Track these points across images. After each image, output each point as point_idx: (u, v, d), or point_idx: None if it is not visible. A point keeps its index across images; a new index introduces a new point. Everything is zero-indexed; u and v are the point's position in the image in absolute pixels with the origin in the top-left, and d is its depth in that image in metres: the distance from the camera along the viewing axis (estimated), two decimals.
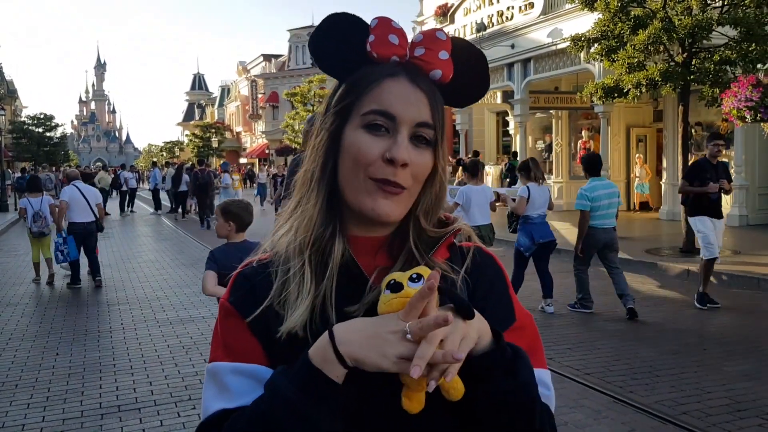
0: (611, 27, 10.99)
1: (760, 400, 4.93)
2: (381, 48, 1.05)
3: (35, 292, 9.94)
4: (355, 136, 1.04)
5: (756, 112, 8.79)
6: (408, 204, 1.06)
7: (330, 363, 0.91)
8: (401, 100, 1.03)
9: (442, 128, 1.07)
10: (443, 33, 1.08)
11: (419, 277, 0.96)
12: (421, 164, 1.04)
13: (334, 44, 1.08)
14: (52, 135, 54.36)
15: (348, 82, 1.07)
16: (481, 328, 0.96)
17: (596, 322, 7.39)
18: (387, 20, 1.08)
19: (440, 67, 1.06)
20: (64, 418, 4.94)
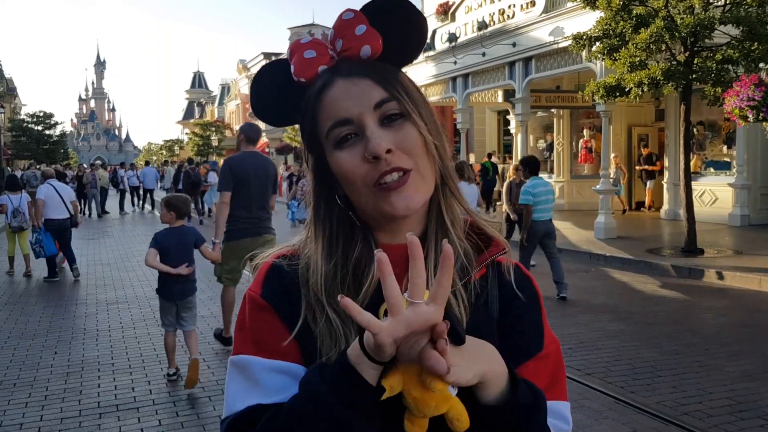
0: (613, 25, 10.95)
1: (762, 400, 4.91)
2: (303, 70, 1.02)
3: (33, 291, 9.91)
4: (334, 159, 1.01)
5: (758, 112, 8.76)
6: (425, 186, 1.00)
7: (363, 361, 0.87)
8: (346, 99, 0.99)
9: (406, 95, 1.00)
10: (350, 11, 1.03)
11: None
12: (407, 138, 0.99)
13: (272, 97, 1.07)
14: (51, 133, 54.35)
15: (302, 118, 1.05)
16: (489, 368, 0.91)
17: (597, 322, 7.36)
18: (296, 43, 1.05)
19: (364, 43, 1.01)
20: (62, 417, 4.92)
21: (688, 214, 11.01)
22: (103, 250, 14.58)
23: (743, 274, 9.23)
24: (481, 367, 0.89)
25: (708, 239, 12.02)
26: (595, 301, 8.40)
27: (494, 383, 0.91)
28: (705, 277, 9.53)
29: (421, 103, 1.02)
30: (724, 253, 11.01)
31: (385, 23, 1.03)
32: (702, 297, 8.46)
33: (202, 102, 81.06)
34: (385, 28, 1.03)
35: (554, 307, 7.94)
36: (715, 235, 12.91)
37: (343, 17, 1.02)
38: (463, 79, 18.50)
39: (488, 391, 0.91)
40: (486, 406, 0.91)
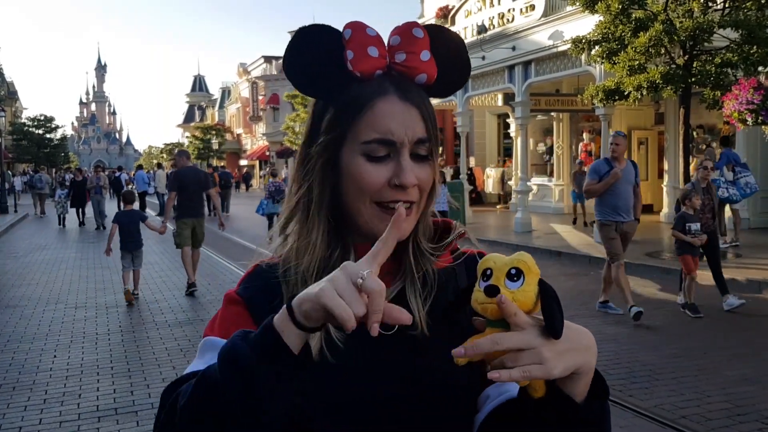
0: (612, 29, 10.98)
1: (760, 404, 4.91)
2: (362, 64, 1.00)
3: (34, 294, 9.92)
4: (355, 164, 1.01)
5: (757, 115, 8.77)
6: (416, 217, 1.05)
7: (287, 326, 0.85)
8: (397, 122, 1.00)
9: (436, 138, 1.04)
10: (420, 29, 1.02)
11: (519, 274, 0.86)
12: (425, 179, 1.03)
13: (309, 63, 1.02)
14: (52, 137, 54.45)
15: (337, 106, 1.03)
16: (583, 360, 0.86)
17: (595, 325, 7.36)
18: (361, 28, 1.01)
19: (425, 71, 1.02)
20: (61, 420, 4.93)
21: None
22: (101, 253, 14.55)
23: (743, 277, 9.22)
24: (575, 360, 0.85)
25: None
26: (592, 304, 8.38)
27: (585, 377, 0.87)
28: (704, 281, 9.51)
29: (447, 139, 1.07)
30: (723, 256, 11.00)
31: (441, 56, 1.05)
32: (701, 300, 8.43)
33: (203, 105, 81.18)
34: (440, 61, 1.04)
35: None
36: None
37: (413, 32, 1.02)
38: None
39: (576, 384, 0.87)
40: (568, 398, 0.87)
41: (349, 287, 0.82)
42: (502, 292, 0.84)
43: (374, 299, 0.81)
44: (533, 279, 0.85)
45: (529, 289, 0.85)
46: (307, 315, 0.84)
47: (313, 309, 0.82)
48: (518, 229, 15.71)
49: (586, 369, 0.86)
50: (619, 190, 7.54)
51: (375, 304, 0.81)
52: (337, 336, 0.99)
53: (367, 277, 0.82)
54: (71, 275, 11.65)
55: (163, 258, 13.37)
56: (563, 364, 0.83)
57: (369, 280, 0.82)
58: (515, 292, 0.84)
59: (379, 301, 0.81)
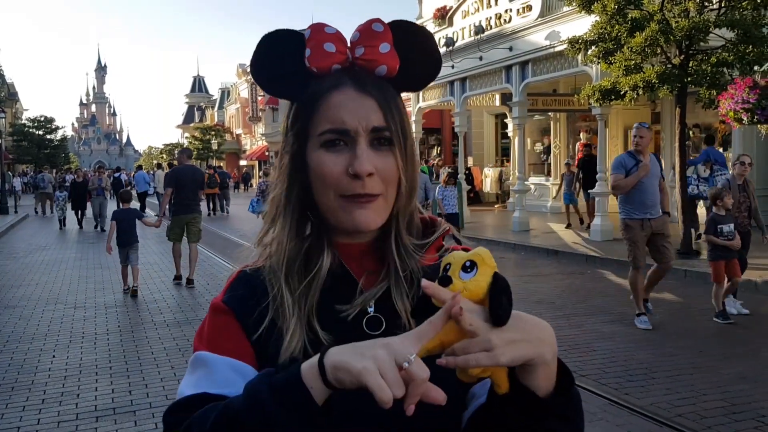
0: (608, 29, 10.99)
1: (756, 402, 4.93)
2: (318, 60, 1.03)
3: (33, 295, 9.94)
4: (316, 157, 1.03)
5: (753, 114, 8.78)
6: (386, 209, 1.05)
7: (317, 383, 0.85)
8: (350, 112, 1.01)
9: (399, 126, 1.04)
10: (380, 24, 1.05)
11: (473, 266, 0.88)
12: (388, 167, 1.03)
13: (274, 65, 1.06)
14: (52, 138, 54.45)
15: (297, 102, 1.07)
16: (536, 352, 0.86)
17: (592, 324, 7.39)
18: (319, 28, 1.04)
19: (384, 62, 1.03)
20: (59, 420, 4.94)
21: (684, 217, 11.05)
22: (101, 253, 14.59)
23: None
24: (525, 351, 0.85)
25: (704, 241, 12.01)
26: (589, 302, 8.42)
27: (540, 370, 0.87)
28: (700, 279, 9.54)
29: (408, 134, 1.06)
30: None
31: (405, 48, 1.06)
32: (697, 299, 8.47)
33: (202, 106, 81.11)
34: (404, 53, 1.06)
35: (548, 309, 7.96)
36: None
37: (373, 27, 1.04)
38: (461, 83, 18.54)
39: (533, 377, 0.88)
40: (530, 392, 0.88)
41: (393, 370, 0.80)
42: (455, 282, 0.87)
43: (417, 386, 0.81)
44: (487, 271, 0.88)
45: (481, 279, 0.87)
46: (341, 382, 0.83)
47: (351, 382, 0.82)
48: (516, 228, 15.73)
49: (539, 361, 0.87)
50: (646, 185, 7.15)
51: (417, 389, 0.81)
52: (324, 338, 1.00)
53: (413, 363, 0.81)
54: (70, 275, 11.67)
55: (162, 258, 13.39)
56: (511, 353, 0.83)
57: (415, 366, 0.81)
58: (467, 282, 0.87)
59: (422, 389, 0.81)
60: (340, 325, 1.03)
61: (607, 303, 8.40)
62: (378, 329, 1.04)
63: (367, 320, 1.04)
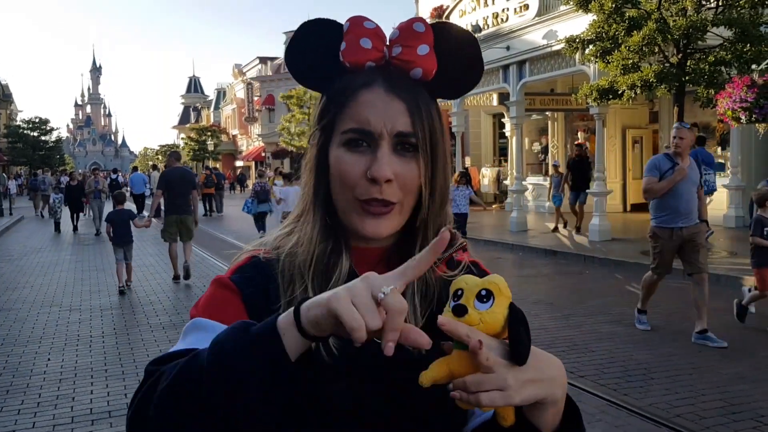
0: (606, 28, 10.99)
1: (755, 402, 4.92)
2: (353, 55, 0.99)
3: (28, 297, 9.89)
4: (337, 155, 1.00)
5: (751, 113, 8.76)
6: (400, 218, 1.02)
7: (290, 329, 0.81)
8: (377, 113, 0.98)
9: (428, 133, 1.00)
10: (422, 24, 1.01)
11: (489, 296, 0.83)
12: (409, 175, 0.99)
13: (309, 55, 1.03)
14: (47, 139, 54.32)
15: (327, 96, 1.03)
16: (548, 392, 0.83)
17: (590, 324, 7.36)
18: (359, 21, 1.01)
19: (420, 65, 0.99)
20: (54, 423, 4.91)
21: None
22: (96, 255, 14.55)
23: (737, 275, 9.23)
24: (538, 391, 0.82)
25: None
26: (588, 303, 8.40)
27: (550, 410, 0.85)
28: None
29: (439, 143, 1.02)
30: (718, 254, 11.03)
31: (446, 53, 1.02)
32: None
33: (198, 107, 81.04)
34: (444, 57, 1.02)
35: (547, 310, 7.94)
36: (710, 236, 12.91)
37: (414, 26, 1.00)
38: None
39: (541, 415, 0.85)
40: (535, 429, 0.85)
41: (366, 298, 0.77)
42: (470, 313, 0.82)
43: (393, 317, 0.77)
44: (503, 302, 0.84)
45: (498, 311, 0.83)
46: (314, 321, 0.80)
47: (322, 315, 0.78)
48: (514, 228, 15.72)
49: (551, 400, 0.84)
50: (681, 190, 6.54)
51: (394, 322, 0.77)
52: (333, 344, 0.96)
53: (389, 293, 0.77)
54: (66, 278, 11.61)
55: (158, 260, 13.34)
56: (525, 393, 0.80)
57: (391, 295, 0.77)
58: (483, 313, 0.83)
59: (398, 320, 0.77)
60: None
61: (606, 303, 8.38)
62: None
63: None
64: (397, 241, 1.05)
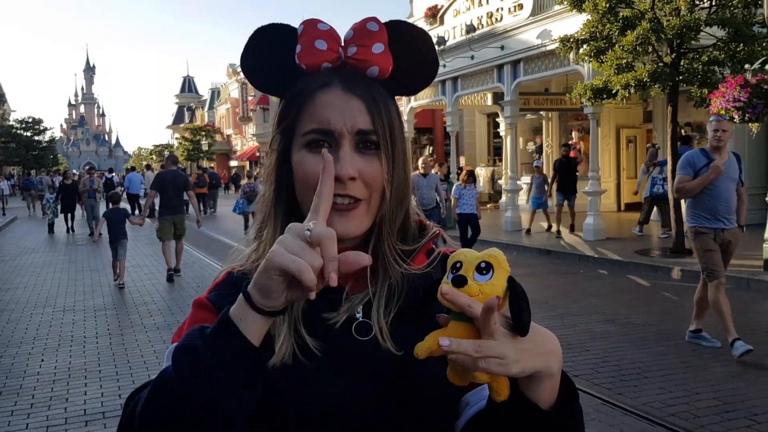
0: (600, 28, 11.01)
1: (748, 400, 4.93)
2: (308, 57, 0.99)
3: (21, 298, 9.85)
4: (299, 157, 1.00)
5: (744, 113, 8.79)
6: (368, 216, 1.01)
7: (244, 312, 0.83)
8: (336, 112, 0.98)
9: (388, 130, 1.00)
10: (375, 23, 1.01)
11: (488, 268, 0.84)
12: (372, 172, 0.99)
13: (265, 60, 1.03)
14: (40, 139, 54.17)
15: (285, 99, 1.03)
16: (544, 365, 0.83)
17: (585, 323, 7.38)
18: (312, 24, 1.01)
19: (376, 63, 1.00)
20: (48, 425, 4.89)
21: (676, 215, 11.06)
22: (90, 256, 14.50)
23: (731, 274, 9.25)
24: (534, 363, 0.82)
25: None
26: (582, 302, 8.42)
27: (546, 383, 0.85)
28: (693, 278, 9.55)
29: (399, 140, 1.02)
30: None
31: (401, 50, 1.02)
32: (689, 298, 8.43)
33: (192, 106, 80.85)
34: (400, 55, 1.02)
35: (541, 309, 7.95)
36: None
37: (368, 26, 1.00)
38: (453, 82, 18.54)
39: (538, 388, 0.85)
40: (532, 404, 0.85)
41: (297, 242, 0.80)
42: (469, 284, 0.82)
43: (326, 246, 0.80)
44: (503, 275, 0.84)
45: (497, 284, 0.83)
46: (263, 290, 0.82)
47: (267, 277, 0.81)
48: (508, 228, 15.73)
49: (546, 373, 0.84)
50: (719, 189, 6.06)
51: (328, 251, 0.80)
52: (313, 345, 0.96)
53: (313, 228, 0.80)
54: (59, 278, 11.57)
55: (152, 260, 13.31)
56: (522, 364, 0.81)
57: (316, 228, 0.80)
58: (483, 285, 0.82)
59: (331, 247, 0.80)
60: (328, 331, 0.99)
61: (600, 303, 8.40)
62: (368, 334, 1.00)
63: (356, 326, 1.01)
64: (365, 238, 1.05)
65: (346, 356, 0.98)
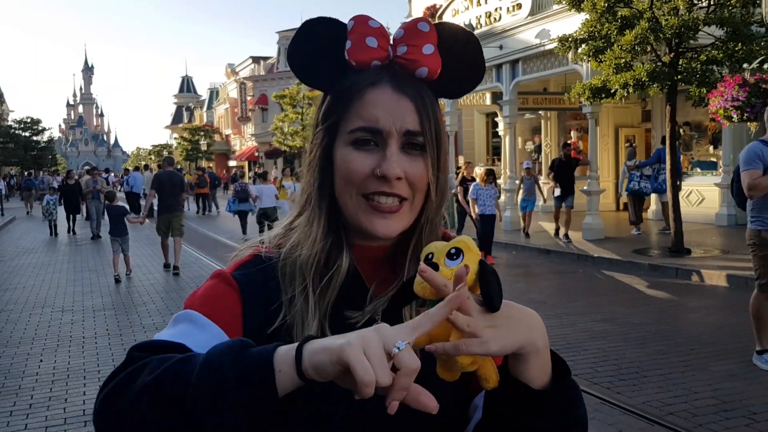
0: (598, 27, 11.00)
1: (747, 400, 4.93)
2: (358, 54, 0.99)
3: (20, 298, 9.84)
4: (344, 153, 1.00)
5: (742, 112, 8.79)
6: (409, 217, 1.02)
7: (287, 369, 0.77)
8: (385, 111, 0.98)
9: (434, 132, 1.01)
10: (426, 23, 1.01)
11: (458, 253, 0.84)
12: (417, 173, 1.00)
13: (313, 54, 1.03)
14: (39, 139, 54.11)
15: (331, 95, 1.03)
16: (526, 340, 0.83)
17: (584, 323, 7.38)
18: (363, 20, 1.01)
19: (425, 64, 1.00)
20: (47, 425, 4.89)
21: (675, 215, 11.07)
22: (89, 256, 14.50)
23: (730, 273, 9.27)
24: (515, 338, 0.81)
25: (695, 239, 12.09)
26: (581, 301, 8.42)
27: (533, 360, 0.84)
28: (691, 277, 9.57)
29: (443, 142, 1.03)
30: (710, 252, 11.08)
31: (450, 53, 1.03)
32: (688, 297, 8.50)
33: (191, 106, 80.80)
34: (448, 57, 1.02)
35: (540, 309, 7.95)
36: (702, 235, 12.98)
37: (418, 26, 1.01)
38: None
39: (526, 367, 0.84)
40: (525, 387, 0.84)
41: (380, 352, 0.73)
42: (441, 270, 0.83)
43: (405, 376, 0.73)
44: (473, 257, 0.85)
45: (468, 267, 0.84)
46: (318, 367, 0.76)
47: (330, 362, 0.74)
48: (507, 227, 15.73)
49: (530, 349, 0.83)
50: None
51: (404, 381, 0.73)
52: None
53: (404, 349, 0.73)
54: (58, 278, 11.57)
55: (151, 261, 13.30)
56: (502, 340, 0.80)
57: (406, 352, 0.73)
58: (454, 269, 0.83)
59: (409, 380, 0.74)
60: (348, 331, 0.99)
61: (599, 302, 8.40)
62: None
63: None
64: (397, 240, 1.05)
65: None
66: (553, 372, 0.88)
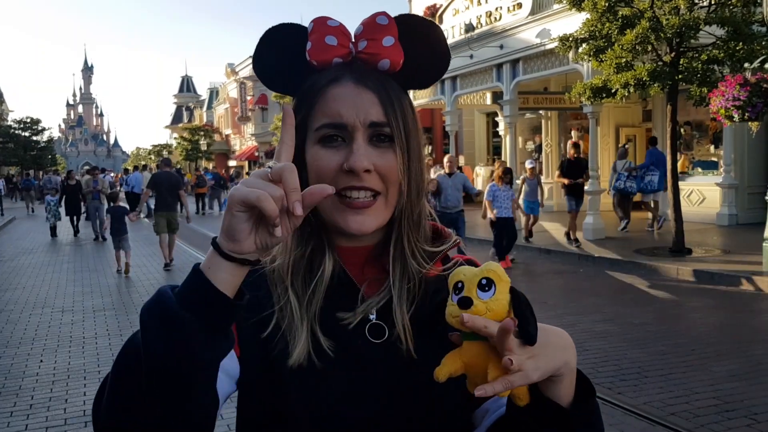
0: (599, 27, 10.99)
1: (748, 400, 4.93)
2: (319, 54, 0.99)
3: (20, 298, 9.83)
4: (313, 152, 0.99)
5: (743, 111, 8.79)
6: (385, 212, 1.01)
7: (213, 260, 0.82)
8: (348, 105, 0.97)
9: (402, 122, 1.00)
10: (385, 17, 1.01)
11: (490, 284, 0.84)
12: (387, 165, 0.98)
13: (277, 60, 1.03)
14: (38, 139, 54.11)
15: (297, 96, 1.03)
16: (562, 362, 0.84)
17: (585, 323, 7.37)
18: (322, 21, 1.01)
19: (387, 56, 1.00)
20: (47, 426, 4.88)
21: (676, 215, 11.06)
22: (89, 256, 14.49)
23: (731, 273, 9.26)
24: (552, 363, 0.83)
25: (696, 239, 12.08)
26: (582, 301, 8.41)
27: (566, 379, 0.85)
28: (693, 277, 9.56)
29: (413, 132, 1.02)
30: (711, 252, 11.07)
31: (411, 43, 1.02)
32: (689, 297, 8.49)
33: (191, 106, 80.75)
34: (410, 48, 1.02)
35: (541, 308, 7.94)
36: (703, 234, 12.97)
37: (377, 20, 1.01)
38: (452, 82, 18.53)
39: (558, 387, 0.85)
40: (553, 403, 0.85)
41: (257, 179, 0.80)
42: (475, 303, 0.83)
43: (287, 178, 0.79)
44: (504, 287, 0.84)
45: (501, 298, 0.83)
46: (229, 232, 0.81)
47: (231, 216, 0.80)
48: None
49: (565, 370, 0.84)
50: None
51: (289, 182, 0.79)
52: (327, 345, 0.97)
53: (274, 165, 0.81)
54: (58, 279, 11.57)
55: (150, 261, 13.30)
56: (541, 370, 0.81)
57: (276, 165, 0.81)
58: (488, 302, 0.83)
59: (291, 179, 0.80)
60: (342, 332, 0.99)
61: (600, 302, 8.39)
62: (381, 337, 1.00)
63: (369, 327, 1.01)
64: (383, 238, 1.04)
65: (358, 358, 0.98)
66: (578, 388, 0.89)
